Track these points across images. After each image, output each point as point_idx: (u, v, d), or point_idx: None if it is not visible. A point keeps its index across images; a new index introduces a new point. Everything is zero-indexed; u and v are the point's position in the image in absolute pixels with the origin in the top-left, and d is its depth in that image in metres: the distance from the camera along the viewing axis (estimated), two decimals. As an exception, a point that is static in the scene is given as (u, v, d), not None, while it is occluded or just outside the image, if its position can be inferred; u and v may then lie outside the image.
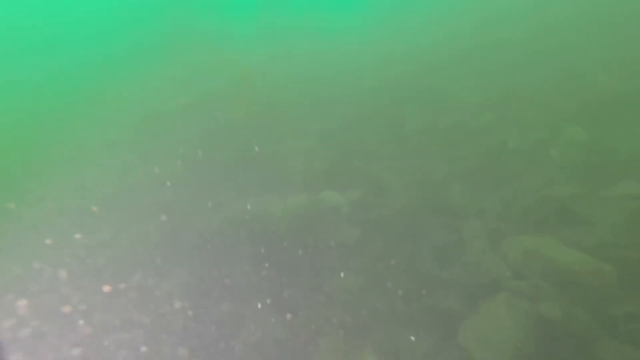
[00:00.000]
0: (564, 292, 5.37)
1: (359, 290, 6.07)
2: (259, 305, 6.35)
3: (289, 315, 6.09)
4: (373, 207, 7.52)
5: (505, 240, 6.22)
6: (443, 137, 9.88)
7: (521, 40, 14.63)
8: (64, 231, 9.04)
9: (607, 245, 5.73)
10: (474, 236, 6.45)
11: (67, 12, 37.67)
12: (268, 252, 7.24)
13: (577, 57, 11.95)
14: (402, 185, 8.15)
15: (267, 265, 6.98)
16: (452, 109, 11.13)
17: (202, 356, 5.91)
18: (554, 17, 15.85)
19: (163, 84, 18.27)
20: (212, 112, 13.95)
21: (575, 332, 5.00)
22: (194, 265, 7.38)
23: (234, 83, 16.20)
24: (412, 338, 5.40)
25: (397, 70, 14.83)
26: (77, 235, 8.99)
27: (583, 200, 6.47)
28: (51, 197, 10.80)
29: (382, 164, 8.98)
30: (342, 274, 6.38)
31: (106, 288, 7.33)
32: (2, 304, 7.02)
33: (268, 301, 6.40)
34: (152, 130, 13.77)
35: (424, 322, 5.49)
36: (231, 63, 18.75)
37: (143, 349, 6.17)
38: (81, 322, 6.68)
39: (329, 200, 7.88)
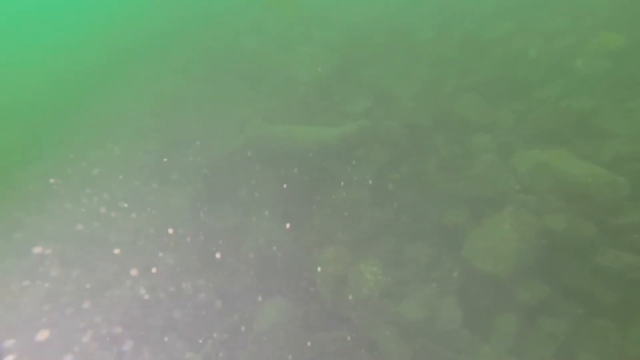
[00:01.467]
0: (571, 205, 5.25)
1: (365, 203, 5.99)
2: (266, 216, 6.33)
3: (294, 226, 6.10)
4: (380, 118, 7.15)
5: (515, 154, 5.96)
6: (455, 48, 9.10)
7: None
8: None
9: (625, 157, 5.47)
10: (484, 149, 6.18)
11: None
12: (275, 168, 7.03)
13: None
14: (410, 96, 7.68)
15: (275, 180, 6.82)
16: (466, 18, 10.13)
17: (208, 265, 6.03)
18: None
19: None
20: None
21: (577, 242, 4.98)
22: (207, 181, 7.26)
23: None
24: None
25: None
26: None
27: (604, 112, 6.06)
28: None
29: (390, 74, 8.39)
30: (348, 187, 6.24)
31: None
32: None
33: (275, 213, 6.37)
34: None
35: (429, 234, 5.48)
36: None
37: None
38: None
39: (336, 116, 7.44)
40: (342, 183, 6.46)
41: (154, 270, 6.11)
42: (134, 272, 6.10)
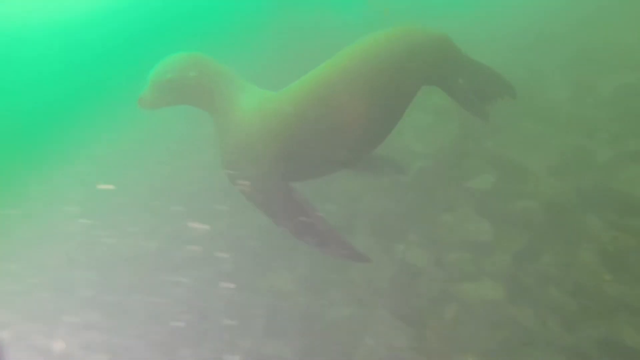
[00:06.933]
0: None
1: (500, 305, 4.91)
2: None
3: None
4: (511, 197, 6.10)
5: None
6: (604, 106, 7.64)
7: None
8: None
9: None
10: None
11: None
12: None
13: None
14: (547, 169, 6.46)
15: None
16: (614, 67, 8.59)
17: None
18: None
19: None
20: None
21: None
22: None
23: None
24: None
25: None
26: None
27: None
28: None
29: (517, 143, 7.19)
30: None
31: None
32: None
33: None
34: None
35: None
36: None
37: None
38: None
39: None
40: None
41: None
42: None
